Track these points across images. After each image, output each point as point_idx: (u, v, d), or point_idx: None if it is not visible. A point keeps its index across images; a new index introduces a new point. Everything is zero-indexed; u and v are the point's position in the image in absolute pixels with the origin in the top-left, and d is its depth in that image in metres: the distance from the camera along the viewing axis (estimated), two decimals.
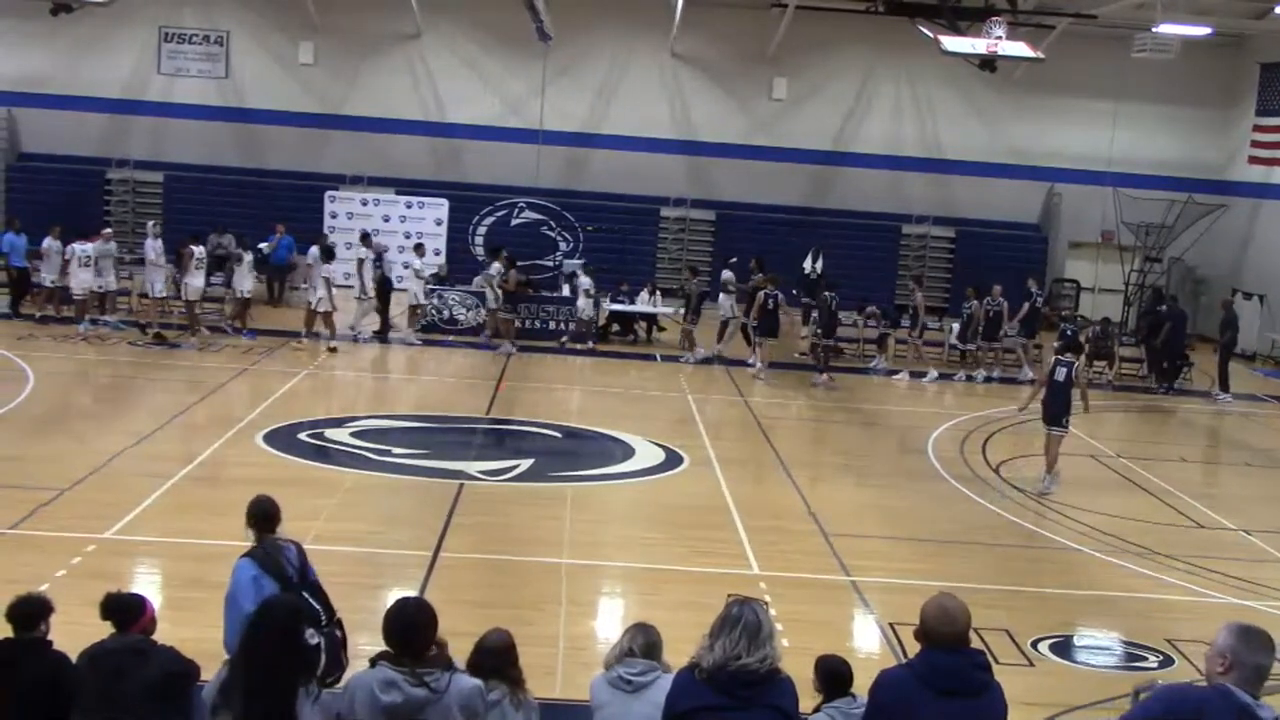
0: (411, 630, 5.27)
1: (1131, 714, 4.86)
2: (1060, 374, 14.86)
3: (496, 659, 5.64)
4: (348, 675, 5.59)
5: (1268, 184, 28.26)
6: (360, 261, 21.38)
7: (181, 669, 5.59)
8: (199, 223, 24.20)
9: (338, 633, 6.69)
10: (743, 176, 29.69)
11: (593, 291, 22.48)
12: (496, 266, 21.89)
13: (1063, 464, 14.85)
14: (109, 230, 22.36)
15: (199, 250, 20.95)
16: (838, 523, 12.54)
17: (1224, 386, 22.18)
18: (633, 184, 29.36)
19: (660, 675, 5.61)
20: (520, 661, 5.70)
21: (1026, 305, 22.41)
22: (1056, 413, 14.78)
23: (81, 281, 20.63)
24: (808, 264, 22.77)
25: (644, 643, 5.73)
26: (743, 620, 4.97)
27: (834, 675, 6.21)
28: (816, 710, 6.08)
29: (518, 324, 21.93)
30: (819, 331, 21.15)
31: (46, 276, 21.38)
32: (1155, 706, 4.76)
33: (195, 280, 20.83)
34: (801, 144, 29.82)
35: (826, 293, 21.19)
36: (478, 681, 5.37)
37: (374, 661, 5.27)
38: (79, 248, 20.66)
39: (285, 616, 5.32)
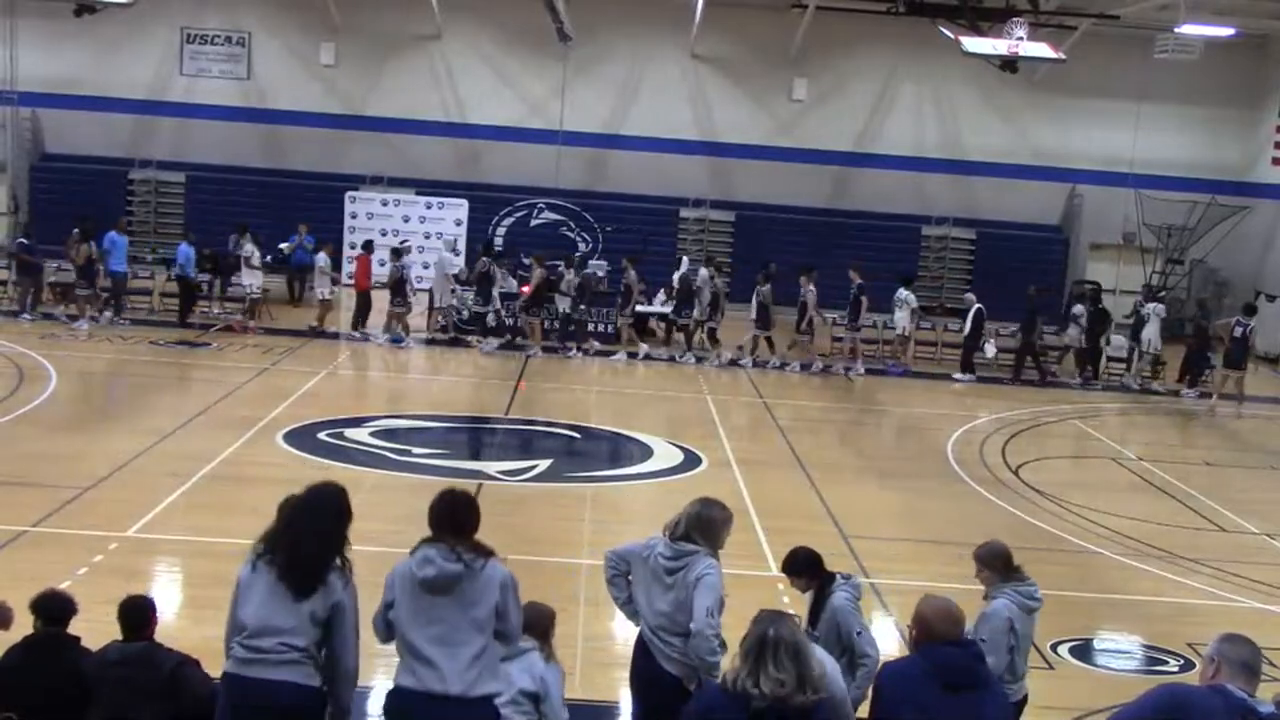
0: (453, 511, 5.69)
1: (1125, 711, 4.87)
2: (1238, 331, 20.93)
3: (534, 623, 6.04)
4: (367, 680, 5.66)
5: None
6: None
7: (180, 659, 5.83)
8: (221, 223, 24.32)
9: None
10: (763, 177, 29.64)
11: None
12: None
13: (1083, 466, 14.88)
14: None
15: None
16: (856, 524, 12.52)
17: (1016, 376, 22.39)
18: (652, 185, 29.33)
19: (698, 564, 6.13)
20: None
21: (856, 297, 22.07)
22: (1238, 359, 20.82)
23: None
24: (675, 277, 22.63)
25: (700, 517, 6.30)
26: (781, 642, 4.73)
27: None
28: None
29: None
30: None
31: (250, 283, 22.17)
32: (1149, 704, 4.77)
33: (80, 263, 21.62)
34: (822, 145, 29.74)
35: (763, 288, 21.69)
36: (510, 574, 5.67)
37: (415, 549, 5.61)
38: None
39: (338, 495, 5.73)
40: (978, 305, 22.16)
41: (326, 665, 5.53)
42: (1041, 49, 21.80)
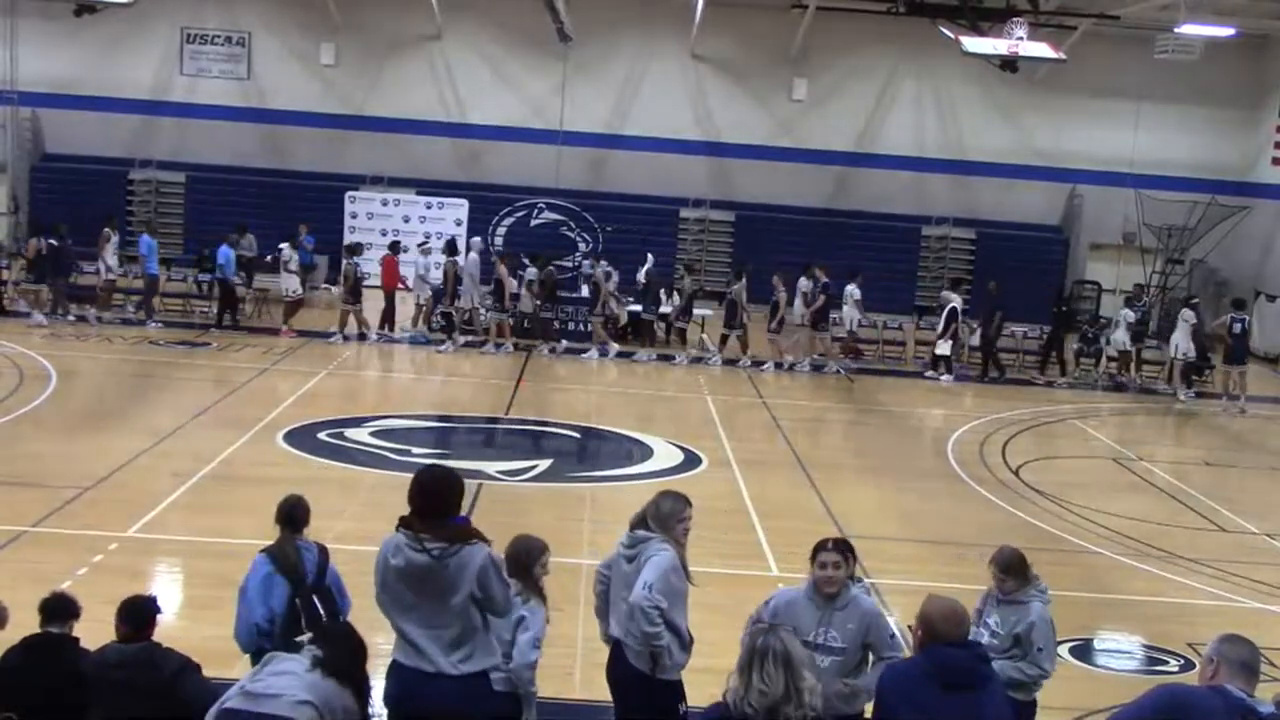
0: (423, 492, 5.49)
1: (1125, 711, 4.87)
2: (1237, 328, 20.67)
3: (512, 559, 6.04)
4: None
5: None
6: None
7: (182, 663, 5.78)
8: (221, 223, 24.30)
9: None
10: (763, 177, 29.65)
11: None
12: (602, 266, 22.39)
13: (1083, 467, 14.96)
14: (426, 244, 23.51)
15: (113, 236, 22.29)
16: (857, 524, 12.50)
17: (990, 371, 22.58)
18: (652, 185, 29.34)
19: (650, 547, 6.20)
20: (544, 579, 6.20)
21: (819, 296, 21.95)
22: (1239, 356, 20.59)
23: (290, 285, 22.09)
24: (642, 273, 22.77)
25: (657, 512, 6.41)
26: (770, 651, 4.54)
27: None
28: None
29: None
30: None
31: (287, 287, 22.06)
32: (1149, 704, 4.78)
33: (110, 261, 22.08)
34: (822, 145, 29.75)
35: (735, 284, 21.63)
36: (489, 552, 5.53)
37: (398, 526, 5.56)
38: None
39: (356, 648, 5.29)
40: (952, 304, 22.15)
41: None
42: (1041, 49, 21.80)
